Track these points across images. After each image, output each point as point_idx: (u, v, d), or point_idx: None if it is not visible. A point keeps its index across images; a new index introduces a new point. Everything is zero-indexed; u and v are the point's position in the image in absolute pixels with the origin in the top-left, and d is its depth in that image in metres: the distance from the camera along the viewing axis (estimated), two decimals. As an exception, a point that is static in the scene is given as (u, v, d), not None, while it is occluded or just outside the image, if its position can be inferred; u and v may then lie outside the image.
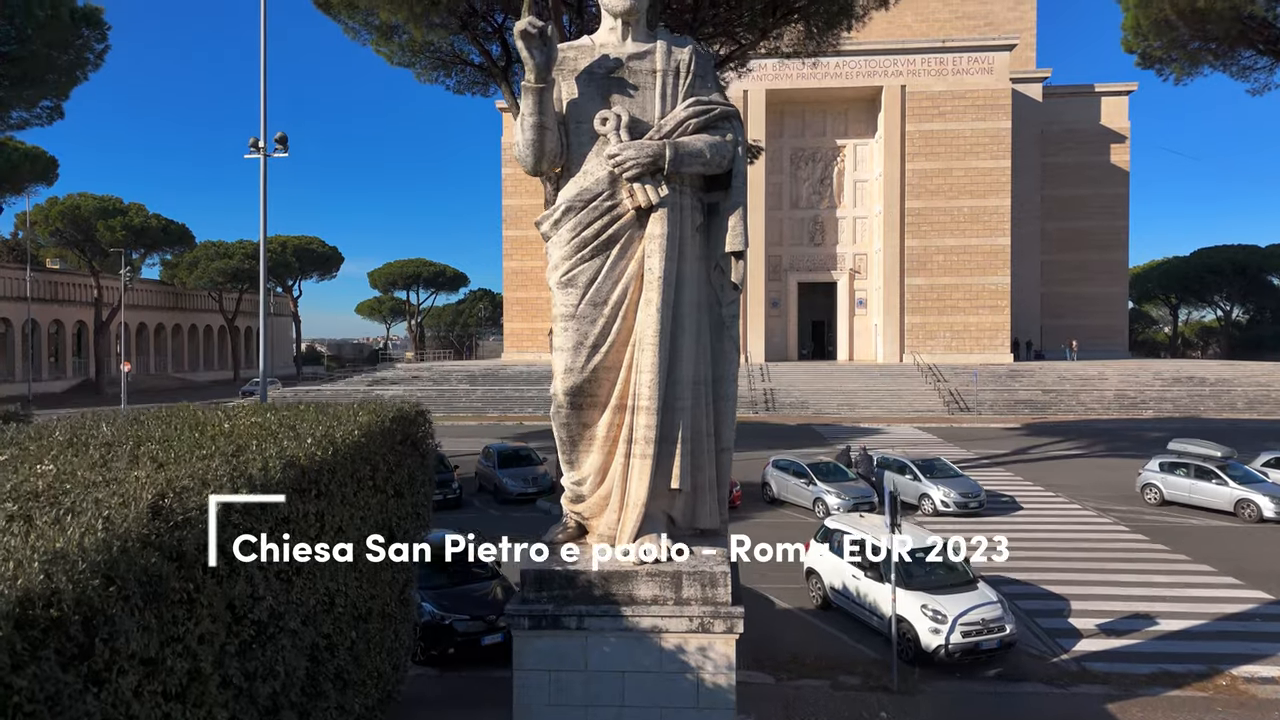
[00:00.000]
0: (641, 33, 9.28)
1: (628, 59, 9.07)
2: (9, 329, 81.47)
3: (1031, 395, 54.90)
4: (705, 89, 9.25)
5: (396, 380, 61.57)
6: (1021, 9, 72.99)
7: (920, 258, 65.34)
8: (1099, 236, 76.38)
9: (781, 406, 54.47)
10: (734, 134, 9.12)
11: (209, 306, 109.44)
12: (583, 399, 8.98)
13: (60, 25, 27.40)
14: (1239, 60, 27.57)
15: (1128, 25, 27.99)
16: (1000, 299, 65.07)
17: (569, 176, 9.24)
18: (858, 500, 23.73)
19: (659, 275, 8.72)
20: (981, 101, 64.69)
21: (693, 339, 9.08)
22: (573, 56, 9.25)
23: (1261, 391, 53.94)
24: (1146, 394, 54.44)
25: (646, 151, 8.66)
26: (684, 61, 9.18)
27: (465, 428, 47.83)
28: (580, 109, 9.10)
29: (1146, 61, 28.76)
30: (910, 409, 53.19)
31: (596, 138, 8.97)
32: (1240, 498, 23.46)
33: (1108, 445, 38.69)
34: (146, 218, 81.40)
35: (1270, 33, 25.27)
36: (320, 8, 26.80)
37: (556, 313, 9.08)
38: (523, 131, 9.06)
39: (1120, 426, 46.39)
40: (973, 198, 64.98)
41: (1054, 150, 75.99)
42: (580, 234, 8.90)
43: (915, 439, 41.90)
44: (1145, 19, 26.05)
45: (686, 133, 8.95)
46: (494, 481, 26.57)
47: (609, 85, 9.07)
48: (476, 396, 57.36)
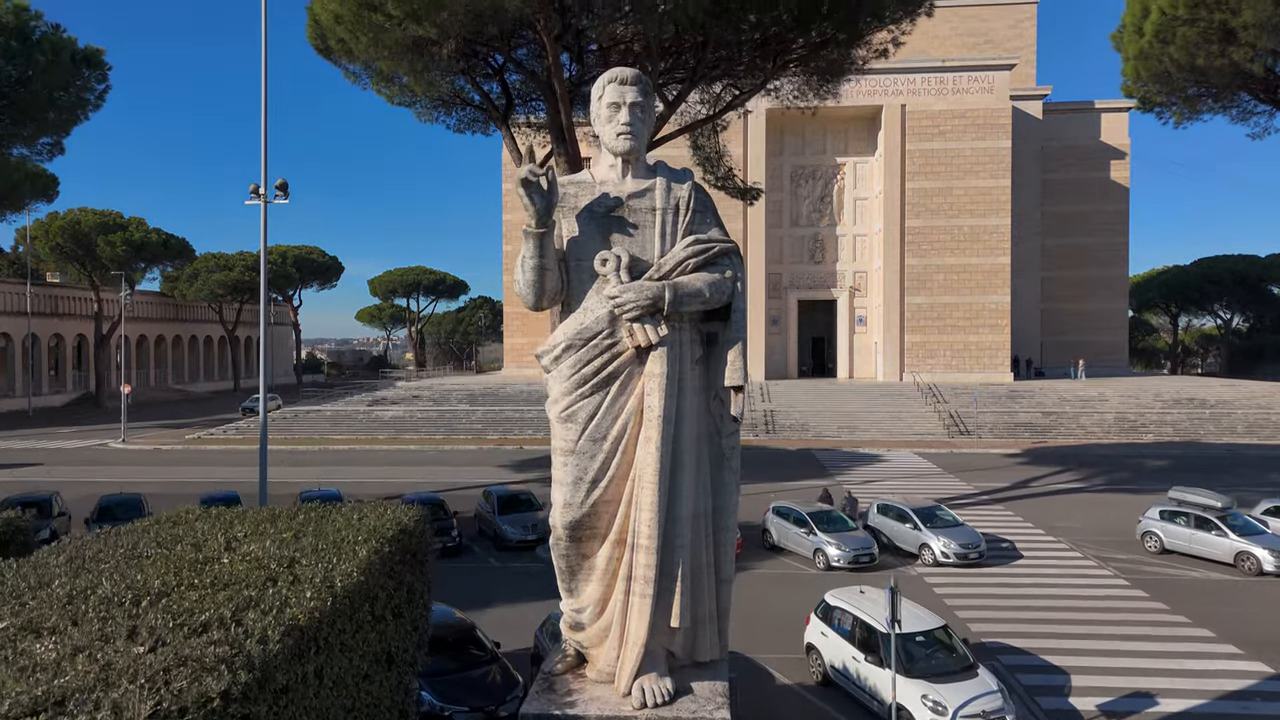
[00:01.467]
0: (641, 169, 9.28)
1: (627, 198, 9.08)
2: (9, 343, 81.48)
3: (1032, 418, 54.90)
4: (705, 224, 9.25)
5: (396, 400, 61.56)
6: (1021, 27, 73.00)
7: (920, 276, 65.36)
8: (1099, 253, 76.46)
9: (782, 429, 54.46)
10: (733, 270, 9.11)
11: (209, 317, 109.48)
12: (582, 532, 8.98)
13: (61, 69, 27.40)
14: (1238, 104, 27.57)
15: (1128, 73, 28.00)
16: (1000, 318, 65.08)
17: (569, 311, 9.24)
18: (858, 552, 23.72)
19: (659, 414, 8.71)
20: (981, 121, 64.72)
21: (693, 474, 9.06)
22: (573, 193, 9.26)
23: (1261, 415, 53.92)
24: (1147, 416, 54.43)
25: (646, 294, 8.66)
26: (683, 198, 9.19)
27: (465, 453, 47.83)
28: (581, 247, 9.11)
29: (1146, 105, 28.77)
30: (910, 432, 53.19)
31: (597, 275, 8.97)
32: (1240, 550, 23.45)
33: (1107, 477, 38.67)
34: (146, 232, 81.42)
35: (1270, 81, 25.26)
36: (321, 53, 26.79)
37: (556, 445, 9.07)
38: (524, 272, 9.06)
39: (1120, 453, 46.37)
40: (973, 217, 65.00)
41: (1054, 167, 76.07)
42: (580, 370, 8.90)
43: (915, 468, 41.90)
44: (1145, 70, 26.05)
45: (686, 271, 8.96)
46: (494, 527, 26.57)
47: (609, 224, 9.09)
48: (476, 418, 57.34)
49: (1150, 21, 23.70)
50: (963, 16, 73.44)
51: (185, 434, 57.91)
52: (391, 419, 57.78)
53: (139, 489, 36.96)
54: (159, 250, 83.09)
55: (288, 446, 50.60)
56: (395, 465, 42.87)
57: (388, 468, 42.09)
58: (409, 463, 43.93)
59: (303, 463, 44.28)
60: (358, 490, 35.88)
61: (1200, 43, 23.13)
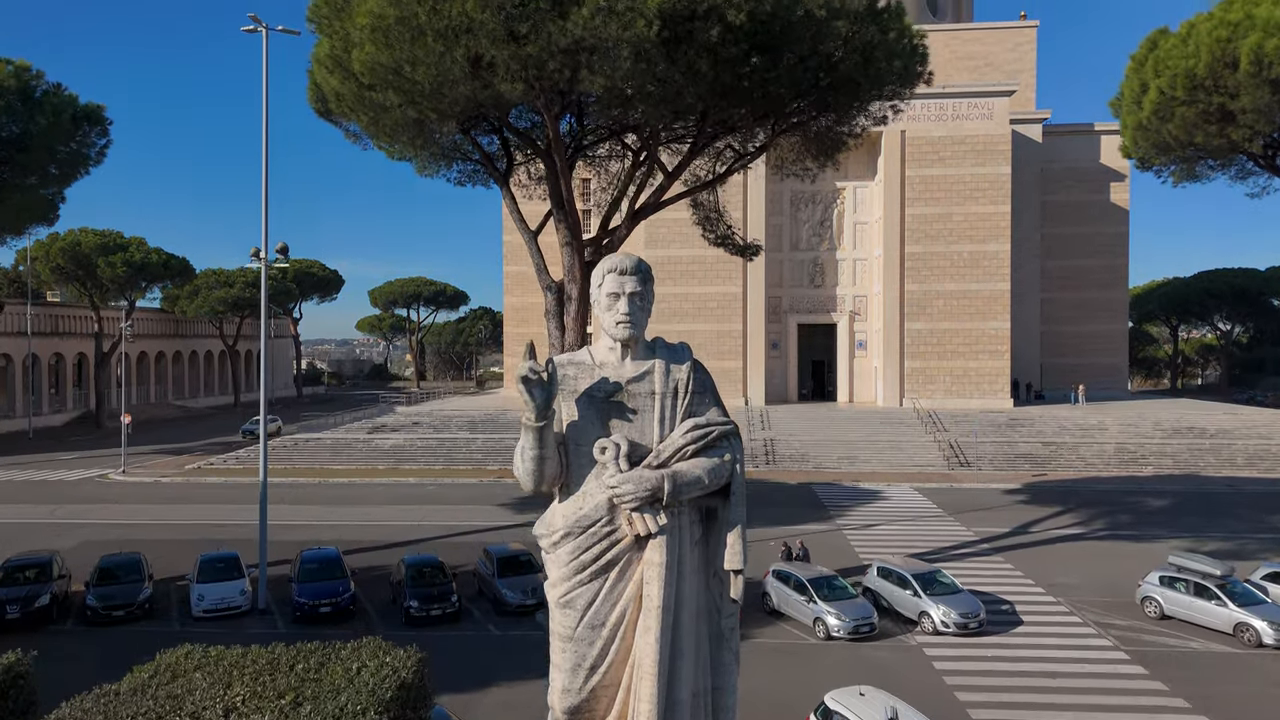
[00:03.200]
0: (640, 350, 9.33)
1: (627, 382, 9.13)
2: (10, 364, 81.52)
3: (1031, 448, 54.92)
4: (703, 405, 9.29)
5: (396, 427, 61.57)
6: (1021, 50, 73.04)
7: (920, 302, 65.37)
8: (1099, 275, 76.51)
9: (782, 459, 54.47)
10: (732, 452, 9.12)
11: (209, 332, 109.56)
12: (581, 717, 9.02)
13: (62, 129, 27.44)
14: (1237, 164, 27.59)
15: (1126, 139, 28.03)
16: (1000, 344, 65.08)
17: (568, 493, 9.28)
18: (858, 622, 23.74)
19: (658, 604, 8.74)
20: (981, 147, 64.74)
21: (692, 659, 9.09)
22: (573, 375, 9.32)
23: (1262, 446, 53.94)
24: (1146, 448, 54.44)
25: (645, 485, 8.68)
26: (682, 381, 9.24)
27: (464, 488, 47.80)
28: (580, 431, 9.16)
29: (1144, 166, 28.82)
30: (910, 463, 53.20)
31: (595, 460, 9.01)
32: (1239, 621, 23.46)
33: (1107, 520, 38.67)
34: (147, 253, 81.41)
35: (1269, 152, 25.24)
36: (321, 115, 26.82)
37: (554, 629, 9.10)
38: (523, 461, 9.11)
39: (1120, 489, 46.40)
40: (972, 243, 65.03)
41: (1054, 189, 76.13)
42: (579, 557, 8.95)
43: (914, 506, 41.89)
44: (1143, 140, 26.08)
45: (685, 457, 8.98)
46: (493, 590, 26.57)
47: (608, 409, 9.13)
48: (477, 447, 57.36)
49: (1149, 98, 23.72)
50: (963, 40, 73.48)
51: (186, 462, 57.91)
52: (391, 448, 57.78)
53: (139, 531, 37.01)
54: (159, 270, 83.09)
55: (288, 479, 50.59)
56: (394, 505, 42.84)
57: (386, 508, 42.07)
58: (407, 500, 43.91)
59: (302, 499, 44.27)
60: (357, 536, 35.91)
61: (1199, 123, 23.16)
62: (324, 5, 20.42)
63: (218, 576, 26.61)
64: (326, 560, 27.26)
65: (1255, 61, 20.23)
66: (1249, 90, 20.93)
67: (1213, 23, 21.54)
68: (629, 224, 24.82)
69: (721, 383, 68.10)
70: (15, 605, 24.80)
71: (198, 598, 25.88)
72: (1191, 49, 21.99)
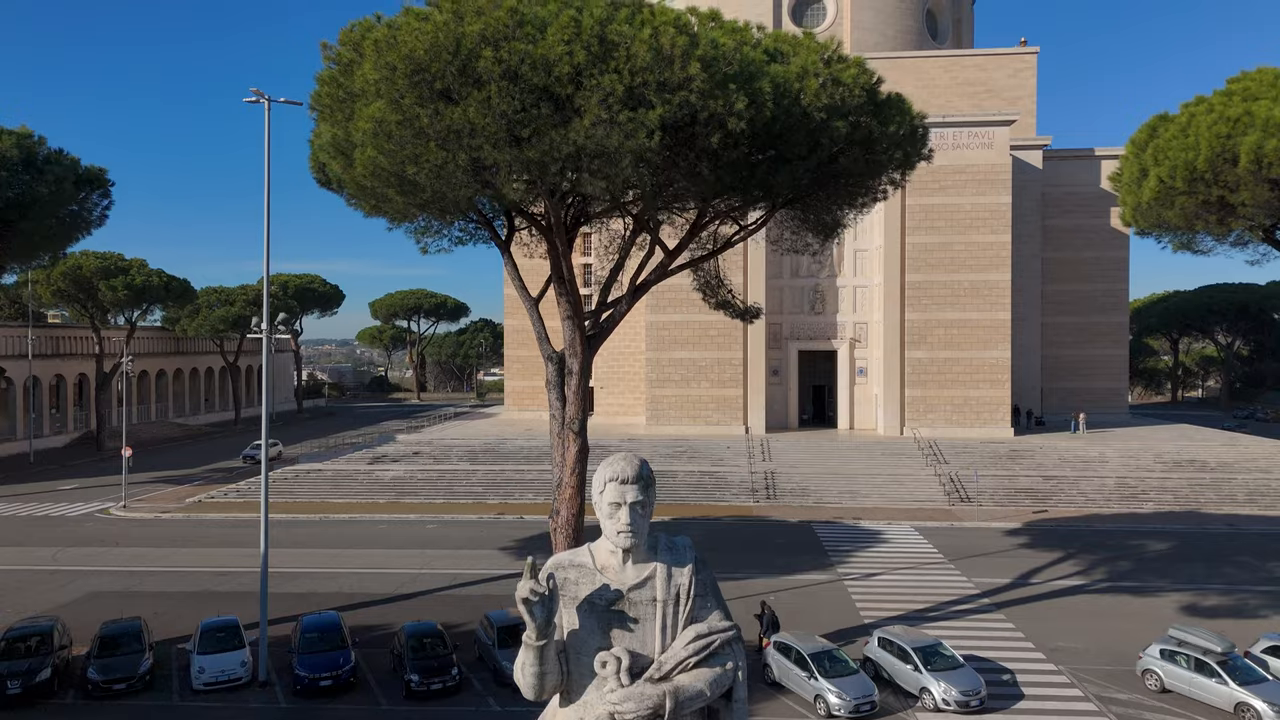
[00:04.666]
0: (642, 555, 9.33)
1: (628, 590, 9.11)
2: (11, 386, 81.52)
3: (1032, 482, 54.93)
4: (705, 609, 9.28)
5: (397, 458, 61.59)
6: (1021, 76, 73.05)
7: (921, 330, 65.40)
8: (1099, 299, 76.53)
9: (783, 493, 54.47)
10: (734, 659, 9.13)
11: (210, 348, 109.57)
12: None
13: (64, 194, 27.48)
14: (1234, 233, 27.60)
15: (1127, 217, 28.04)
16: (1000, 373, 65.09)
17: (569, 701, 9.29)
18: (859, 700, 23.74)
19: (658, 813, 8.75)
20: (982, 176, 64.77)
21: None
22: (574, 579, 9.31)
23: (1261, 481, 53.96)
24: (1147, 482, 54.46)
25: (647, 703, 8.68)
26: (684, 586, 9.23)
27: (465, 526, 47.79)
28: (581, 641, 9.14)
29: (1143, 234, 28.86)
30: (911, 498, 53.21)
31: (596, 672, 9.00)
32: (1240, 700, 23.45)
33: (1108, 568, 38.65)
34: (148, 275, 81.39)
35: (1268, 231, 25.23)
36: (321, 185, 26.83)
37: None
38: (524, 676, 9.08)
39: (1121, 528, 46.41)
40: (973, 272, 65.05)
41: (1054, 213, 76.18)
42: (579, 766, 8.93)
43: (915, 552, 41.86)
44: (1143, 219, 26.08)
45: (687, 669, 8.99)
46: (494, 660, 26.59)
47: (609, 618, 9.12)
48: (477, 479, 57.38)
49: (1148, 185, 23.70)
50: (963, 66, 73.49)
51: (186, 494, 57.94)
52: (392, 480, 57.82)
53: (141, 581, 36.99)
54: (160, 293, 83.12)
55: (288, 515, 50.59)
56: (394, 549, 42.80)
57: (386, 553, 42.03)
58: (408, 543, 43.86)
59: (303, 541, 44.25)
60: (357, 588, 35.89)
61: (1199, 212, 23.16)
62: (326, 97, 20.44)
63: (218, 646, 26.62)
64: (327, 629, 27.27)
65: (1255, 160, 20.22)
66: (1249, 186, 20.93)
67: (1212, 117, 21.51)
68: (630, 299, 24.87)
69: (722, 411, 67.83)
70: (16, 680, 24.80)
71: (198, 670, 25.90)
72: (1191, 140, 21.96)
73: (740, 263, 64.38)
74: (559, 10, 17.25)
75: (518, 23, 17.05)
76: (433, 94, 17.84)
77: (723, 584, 36.24)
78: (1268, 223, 22.69)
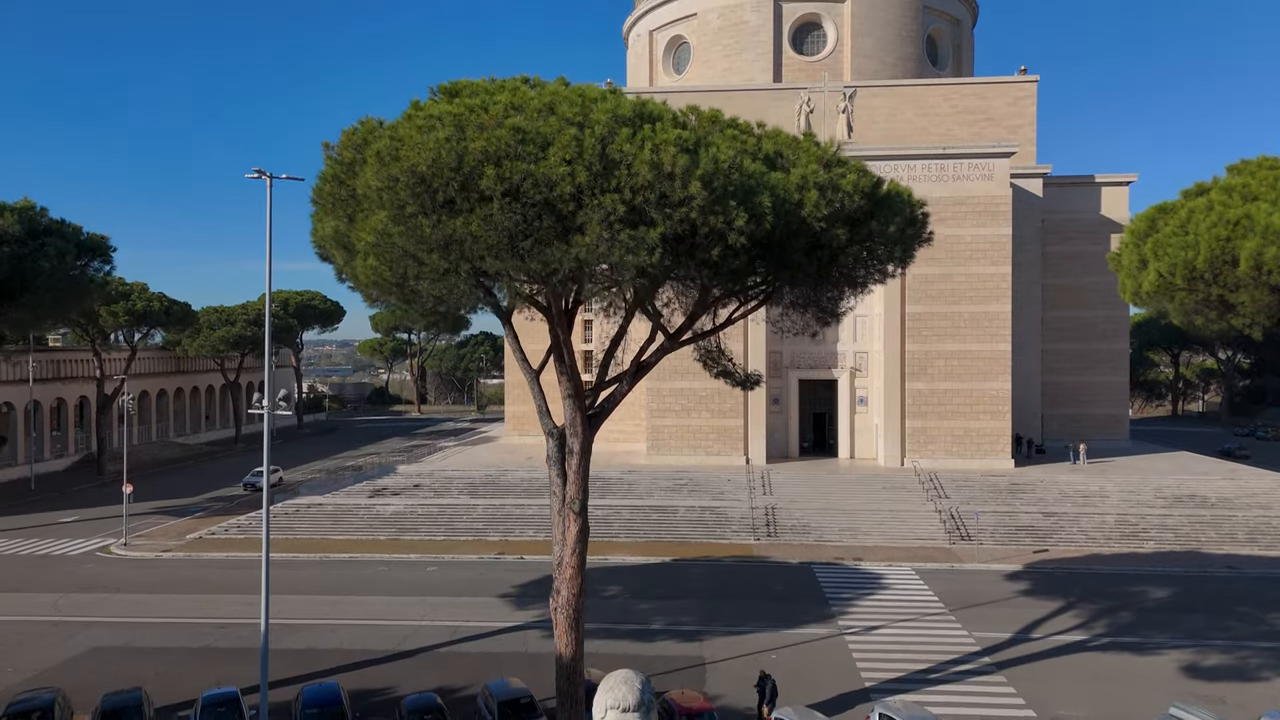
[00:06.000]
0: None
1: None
2: (12, 411, 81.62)
3: (1032, 519, 54.95)
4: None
5: (398, 490, 61.66)
6: (1021, 104, 73.10)
7: (921, 362, 65.46)
8: (1100, 325, 76.59)
9: (784, 530, 54.50)
10: None
11: (210, 366, 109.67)
12: None
13: (65, 268, 27.54)
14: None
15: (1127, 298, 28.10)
16: (1001, 404, 65.14)
17: None
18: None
19: None
20: (982, 208, 64.84)
21: None
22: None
23: (1261, 519, 54.00)
24: (1148, 519, 54.48)
25: None
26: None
27: (466, 569, 47.78)
28: None
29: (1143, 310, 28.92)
30: (912, 536, 53.22)
31: None
32: (1240, 786, 23.51)
33: (1109, 621, 38.65)
34: (149, 300, 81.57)
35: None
36: (322, 259, 26.85)
37: None
38: None
39: (1121, 571, 46.48)
40: (973, 303, 65.11)
41: (1055, 239, 76.24)
42: None
43: (916, 598, 41.85)
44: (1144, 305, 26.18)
45: None
46: (494, 737, 26.64)
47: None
48: (477, 515, 57.44)
49: (1148, 277, 23.78)
50: (963, 94, 73.55)
51: (187, 529, 58.01)
52: (392, 515, 57.87)
53: (143, 633, 36.92)
54: (161, 318, 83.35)
55: (288, 554, 50.66)
56: (394, 595, 42.79)
57: (386, 600, 42.00)
58: (408, 590, 43.82)
59: (302, 588, 44.20)
60: (357, 643, 35.89)
61: (1199, 308, 23.28)
62: (329, 196, 20.49)
63: (219, 720, 26.70)
64: (327, 703, 27.32)
65: (1255, 266, 20.31)
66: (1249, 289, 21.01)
67: (1211, 218, 21.55)
68: (631, 380, 24.93)
69: (723, 441, 67.60)
70: (19, 759, 24.86)
71: (200, 747, 25.96)
72: (1190, 239, 22.02)
73: (740, 330, 64.39)
74: (561, 127, 17.31)
75: (520, 140, 17.11)
76: (435, 205, 17.90)
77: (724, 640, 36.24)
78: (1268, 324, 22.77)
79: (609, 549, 51.01)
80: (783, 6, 76.57)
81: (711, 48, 79.65)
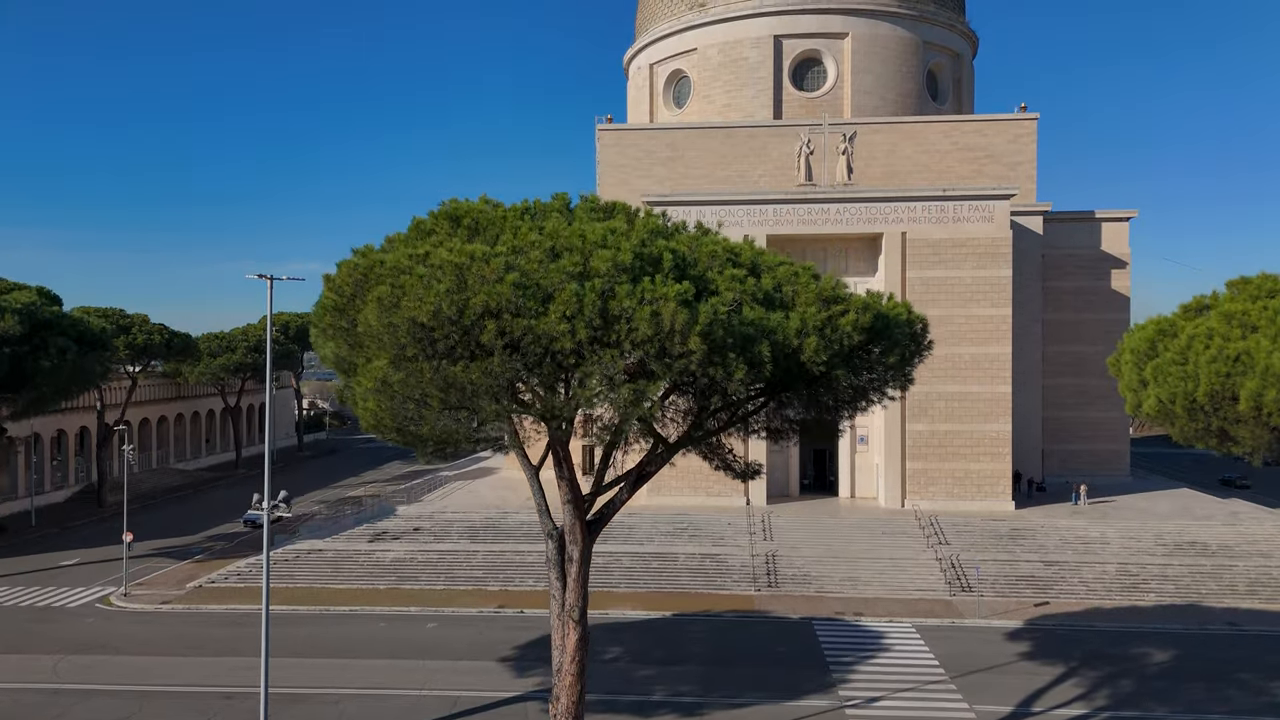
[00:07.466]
0: None
1: None
2: (12, 444, 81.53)
3: (1033, 568, 54.97)
4: None
5: (399, 534, 61.72)
6: (1021, 142, 73.17)
7: (921, 404, 65.46)
8: (1100, 361, 76.23)
9: (784, 580, 54.50)
10: None
11: (210, 391, 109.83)
12: None
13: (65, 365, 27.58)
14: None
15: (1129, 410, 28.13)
16: (1001, 446, 65.20)
17: None
18: None
19: None
20: (982, 250, 64.90)
21: None
22: None
23: (1262, 569, 54.03)
24: (1148, 569, 54.51)
25: None
26: None
27: (466, 626, 47.73)
28: None
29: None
30: (912, 586, 53.21)
31: None
32: None
33: (1109, 692, 38.62)
34: (150, 333, 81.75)
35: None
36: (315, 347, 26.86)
37: None
38: None
39: (1122, 629, 46.51)
40: (974, 344, 65.16)
41: (1055, 275, 76.29)
42: None
43: (917, 664, 41.82)
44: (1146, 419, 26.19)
45: None
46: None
47: None
48: (477, 561, 57.48)
49: (1149, 400, 23.81)
50: (963, 131, 73.62)
51: (187, 574, 58.02)
52: (392, 561, 57.90)
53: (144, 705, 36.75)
54: (162, 350, 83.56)
55: (288, 606, 50.65)
56: (395, 658, 42.78)
57: (387, 664, 41.97)
58: (407, 652, 43.67)
59: (301, 650, 44.06)
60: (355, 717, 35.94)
61: (1200, 435, 23.35)
62: (330, 327, 20.51)
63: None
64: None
65: (1255, 407, 20.33)
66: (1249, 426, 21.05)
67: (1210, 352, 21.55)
68: (630, 488, 24.96)
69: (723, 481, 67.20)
70: None
71: None
72: (1190, 370, 22.04)
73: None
74: (562, 281, 17.31)
75: (521, 295, 17.11)
76: (435, 352, 17.92)
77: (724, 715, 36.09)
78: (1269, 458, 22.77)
79: (609, 601, 51.00)
80: (783, 43, 76.62)
81: (712, 83, 79.71)
